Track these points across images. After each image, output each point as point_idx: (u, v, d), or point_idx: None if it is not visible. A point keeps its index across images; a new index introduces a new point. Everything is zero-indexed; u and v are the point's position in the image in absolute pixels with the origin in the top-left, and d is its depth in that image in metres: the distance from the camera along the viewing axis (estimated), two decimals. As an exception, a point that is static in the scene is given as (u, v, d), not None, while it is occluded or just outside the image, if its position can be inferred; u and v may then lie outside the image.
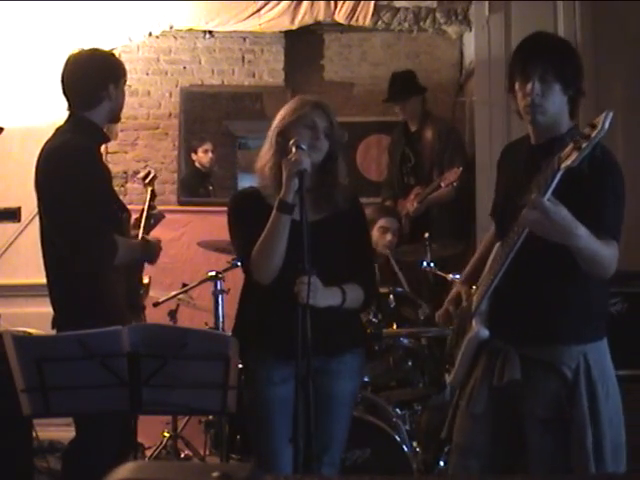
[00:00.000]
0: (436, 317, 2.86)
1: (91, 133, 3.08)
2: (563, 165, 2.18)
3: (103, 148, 5.40)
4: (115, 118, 3.24)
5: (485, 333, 2.46)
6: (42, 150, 3.06)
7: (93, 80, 3.06)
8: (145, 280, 3.34)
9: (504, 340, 2.43)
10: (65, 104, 3.12)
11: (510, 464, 2.54)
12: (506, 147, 2.79)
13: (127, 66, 5.63)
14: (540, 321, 2.40)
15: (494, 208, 2.71)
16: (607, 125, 2.13)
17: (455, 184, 4.75)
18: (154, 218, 3.32)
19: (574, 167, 2.17)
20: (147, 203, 3.32)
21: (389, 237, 4.50)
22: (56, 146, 3.00)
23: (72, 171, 2.94)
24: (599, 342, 2.42)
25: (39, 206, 3.07)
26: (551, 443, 2.35)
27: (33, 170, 3.06)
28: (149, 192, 3.36)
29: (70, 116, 3.10)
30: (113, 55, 3.26)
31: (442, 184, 4.82)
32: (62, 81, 3.09)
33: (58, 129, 3.10)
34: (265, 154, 2.69)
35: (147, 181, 3.39)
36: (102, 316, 2.85)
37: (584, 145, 2.14)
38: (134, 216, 3.30)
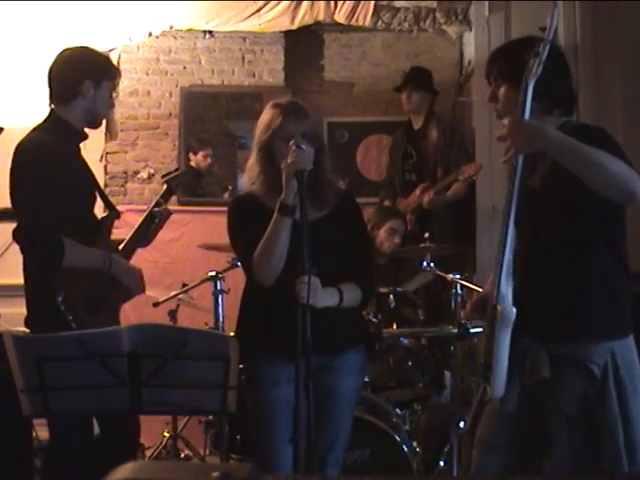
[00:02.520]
0: (463, 314, 2.82)
1: (62, 131, 3.00)
2: (529, 79, 2.25)
3: (102, 148, 5.47)
4: (93, 121, 3.08)
5: (511, 310, 2.34)
6: None
7: (70, 73, 3.01)
8: None
9: (532, 338, 2.40)
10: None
11: (532, 465, 2.53)
12: None
13: (127, 66, 5.70)
14: (567, 318, 2.38)
15: (516, 216, 2.68)
16: (555, 19, 2.23)
17: (475, 178, 4.73)
18: (159, 216, 3.21)
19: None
20: (155, 200, 3.23)
21: (397, 240, 4.51)
22: (19, 143, 2.96)
23: (24, 169, 2.90)
24: (626, 339, 2.39)
25: None
26: (578, 441, 2.33)
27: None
28: (164, 189, 3.27)
29: (49, 113, 3.05)
30: (105, 57, 3.16)
31: (460, 178, 4.79)
32: (48, 74, 3.06)
33: (35, 127, 3.03)
34: (253, 167, 2.70)
35: (166, 178, 3.32)
36: (52, 317, 2.85)
37: (540, 48, 2.22)
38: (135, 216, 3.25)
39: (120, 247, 3.11)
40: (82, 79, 2.99)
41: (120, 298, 3.13)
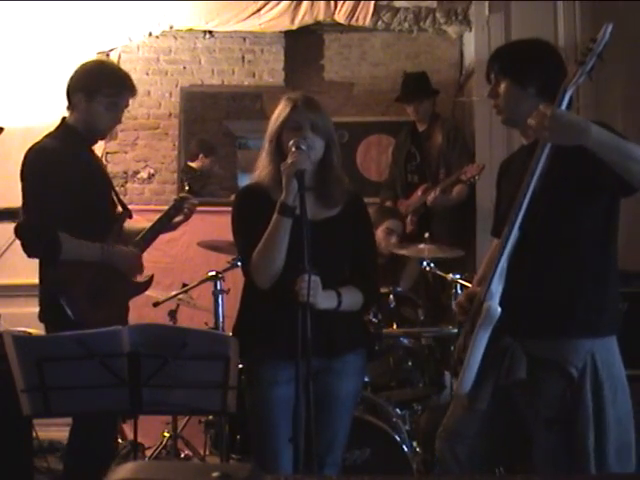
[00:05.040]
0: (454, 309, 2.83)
1: (67, 137, 3.13)
2: (569, 87, 2.25)
3: (102, 148, 5.47)
4: (88, 132, 3.17)
5: (496, 309, 2.35)
6: None
7: (70, 84, 3.14)
8: (143, 276, 3.29)
9: (513, 335, 2.41)
10: (64, 105, 3.17)
11: (495, 460, 2.55)
12: (502, 163, 2.80)
13: (127, 66, 5.70)
14: (550, 313, 2.39)
15: (496, 226, 2.68)
16: (607, 35, 2.19)
17: (478, 178, 4.70)
18: (188, 207, 3.33)
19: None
20: (180, 195, 3.34)
21: (393, 239, 4.51)
22: (27, 150, 3.10)
23: (28, 171, 3.06)
24: (608, 339, 2.39)
25: None
26: (555, 442, 2.34)
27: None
28: (186, 190, 3.39)
29: (60, 120, 3.20)
30: (107, 71, 3.21)
31: (462, 177, 4.76)
32: None
33: (46, 134, 3.18)
34: (262, 160, 2.70)
35: (187, 179, 3.40)
36: (56, 313, 2.95)
37: (587, 58, 2.20)
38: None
39: (138, 237, 3.26)
40: (76, 91, 3.12)
41: (127, 293, 3.21)
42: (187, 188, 3.39)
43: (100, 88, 3.11)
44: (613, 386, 2.35)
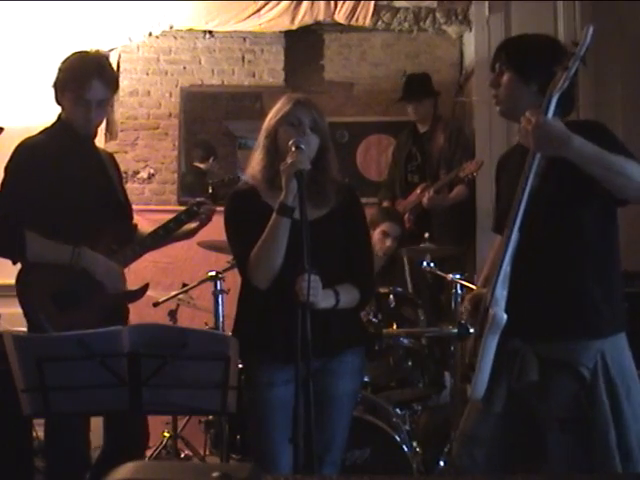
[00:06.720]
0: (462, 311, 2.82)
1: (58, 131, 3.08)
2: (554, 92, 2.23)
3: (102, 148, 5.46)
4: (72, 126, 3.07)
5: (502, 317, 2.35)
6: None
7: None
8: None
9: (523, 338, 2.41)
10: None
11: (513, 463, 2.54)
12: (501, 158, 2.80)
13: (127, 66, 5.70)
14: (560, 315, 2.39)
15: (496, 223, 2.68)
16: (589, 38, 2.19)
17: (476, 174, 4.67)
18: (204, 211, 3.15)
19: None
20: (196, 200, 3.19)
21: (389, 243, 4.49)
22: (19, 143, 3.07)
23: (9, 164, 3.01)
24: (617, 337, 2.39)
25: None
26: (570, 443, 2.34)
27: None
28: (209, 192, 3.20)
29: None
30: (74, 65, 3.08)
31: (461, 174, 4.74)
32: None
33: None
34: (255, 156, 2.70)
35: (213, 182, 3.25)
36: (26, 309, 2.97)
37: (570, 63, 2.20)
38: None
39: (136, 242, 3.16)
40: (54, 86, 3.07)
41: (113, 298, 3.07)
42: (210, 191, 3.19)
43: (66, 83, 3.04)
44: (625, 382, 2.35)
